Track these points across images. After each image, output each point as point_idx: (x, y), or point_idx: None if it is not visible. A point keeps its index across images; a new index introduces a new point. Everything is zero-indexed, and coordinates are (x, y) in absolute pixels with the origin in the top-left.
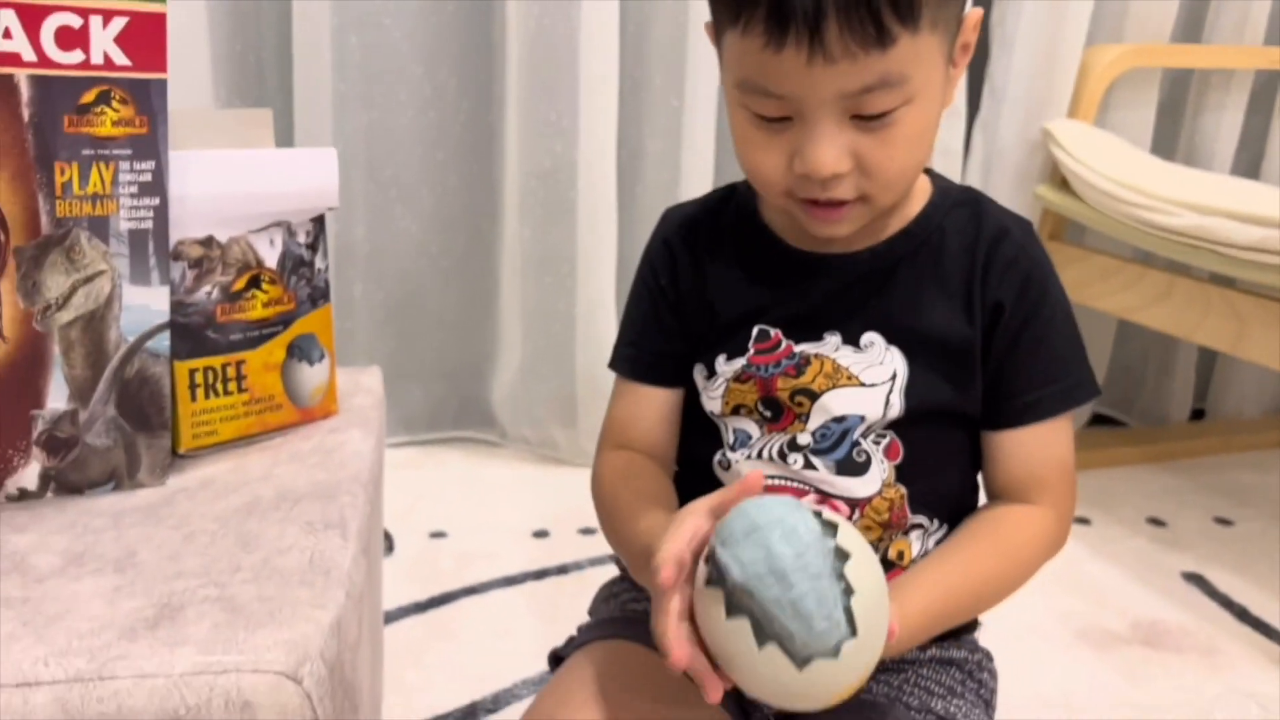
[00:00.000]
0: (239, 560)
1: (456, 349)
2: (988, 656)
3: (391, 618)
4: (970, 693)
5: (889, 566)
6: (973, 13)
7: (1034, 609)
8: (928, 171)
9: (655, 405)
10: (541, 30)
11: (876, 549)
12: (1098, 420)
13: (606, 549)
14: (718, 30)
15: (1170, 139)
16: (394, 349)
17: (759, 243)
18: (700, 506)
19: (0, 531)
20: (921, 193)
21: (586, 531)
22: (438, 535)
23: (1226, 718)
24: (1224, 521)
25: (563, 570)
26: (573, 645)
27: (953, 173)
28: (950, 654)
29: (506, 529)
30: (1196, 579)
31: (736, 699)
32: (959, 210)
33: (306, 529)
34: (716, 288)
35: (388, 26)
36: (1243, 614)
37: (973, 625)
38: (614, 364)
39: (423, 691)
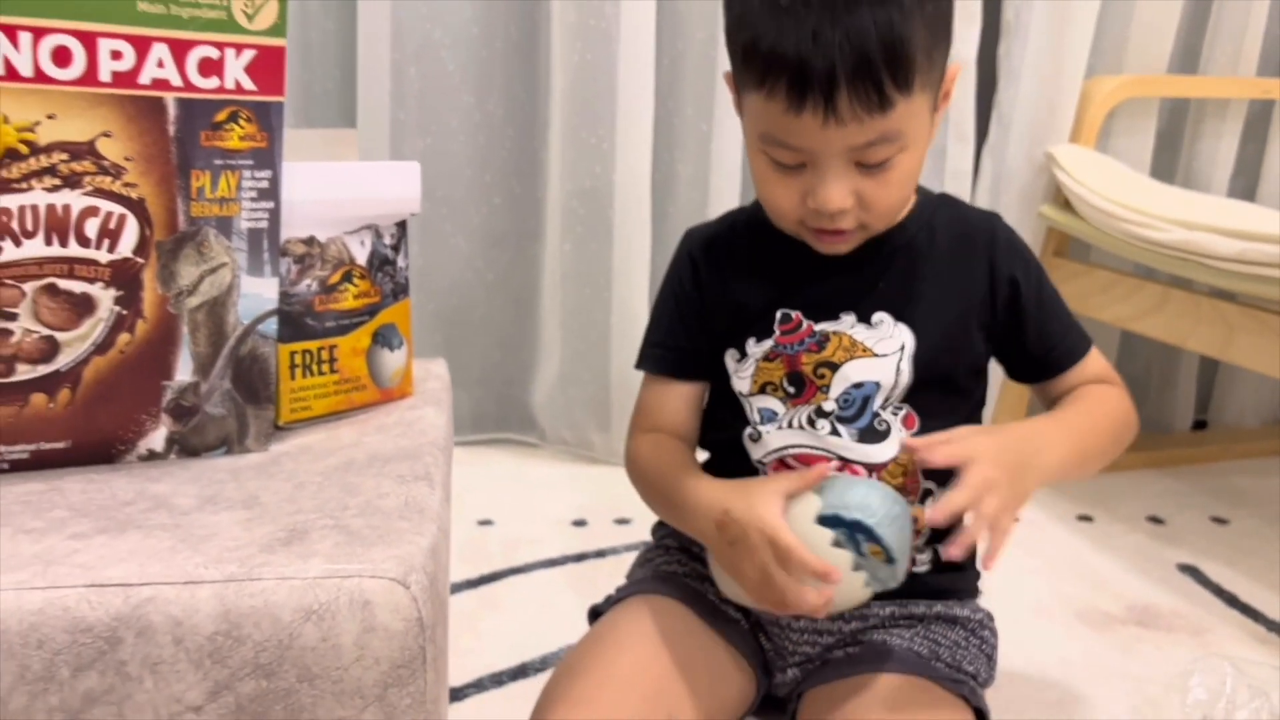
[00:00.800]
0: (346, 502)
1: (500, 357)
2: (989, 617)
3: None
4: (974, 647)
5: None
6: (953, 66)
7: (1038, 593)
8: None
9: (679, 396)
10: (584, 63)
11: None
12: None
13: (640, 536)
14: (739, 87)
15: (1170, 164)
16: (443, 356)
17: (774, 245)
18: (778, 488)
19: (139, 481)
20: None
21: (621, 521)
22: (485, 523)
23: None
24: (1220, 521)
25: (600, 554)
26: (610, 601)
27: (963, 193)
28: (955, 613)
29: (548, 519)
30: (1191, 570)
31: (759, 651)
32: (941, 209)
33: (399, 480)
34: (740, 286)
35: (443, 59)
36: (1233, 600)
37: (974, 591)
38: (641, 363)
39: (478, 654)
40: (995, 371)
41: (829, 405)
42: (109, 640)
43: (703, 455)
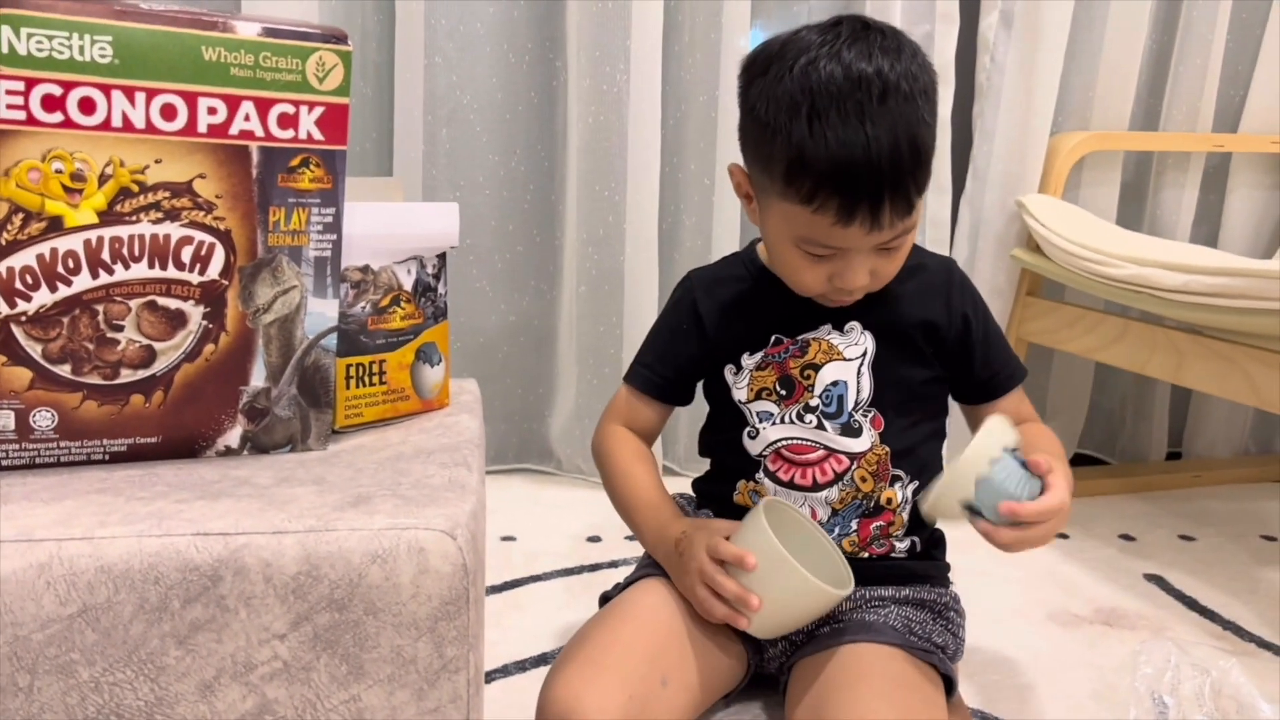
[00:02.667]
0: (400, 480)
1: (521, 392)
2: (955, 599)
3: None
4: (941, 625)
5: (880, 510)
6: None
7: (1014, 597)
8: None
9: (651, 411)
10: (597, 124)
11: (871, 497)
12: (1081, 460)
13: None
14: (769, 192)
15: (1136, 214)
16: None
17: (770, 283)
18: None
19: (221, 469)
20: None
21: (632, 537)
22: (508, 539)
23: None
24: (1188, 538)
25: (613, 565)
26: (619, 588)
27: (942, 239)
28: (924, 596)
29: (565, 535)
30: (1157, 579)
31: (755, 642)
32: (912, 255)
33: (442, 466)
34: (740, 317)
35: (471, 122)
36: (1193, 604)
37: (944, 579)
38: (629, 377)
39: (504, 645)
40: None
41: (814, 401)
42: (212, 578)
43: (704, 464)
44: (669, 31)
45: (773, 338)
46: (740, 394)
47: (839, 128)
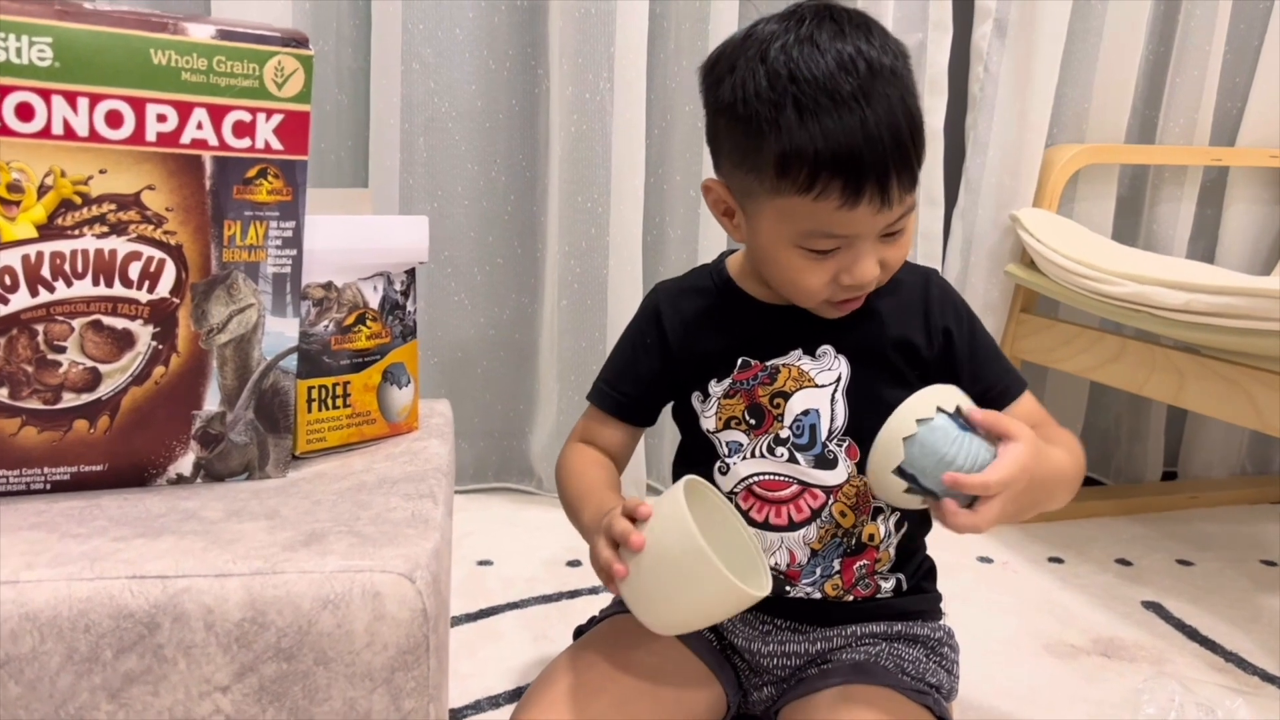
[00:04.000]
0: (359, 514)
1: (501, 408)
2: (949, 634)
3: (450, 624)
4: (934, 663)
5: (863, 548)
6: None
7: (1008, 628)
8: None
9: (614, 431)
10: (579, 134)
11: (852, 533)
12: None
13: None
14: (758, 193)
15: (1132, 228)
16: None
17: (736, 302)
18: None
19: (170, 499)
20: None
21: None
22: (484, 563)
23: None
24: (1185, 563)
25: (593, 591)
26: (593, 622)
27: (934, 253)
28: (916, 632)
29: (544, 559)
30: (1155, 606)
31: (730, 669)
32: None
33: (406, 497)
34: (704, 337)
35: (450, 130)
36: (1193, 634)
37: (936, 612)
38: (591, 395)
39: (475, 678)
40: None
41: (784, 433)
42: (148, 626)
43: None
44: (654, 38)
45: (740, 361)
46: (708, 423)
47: (832, 112)
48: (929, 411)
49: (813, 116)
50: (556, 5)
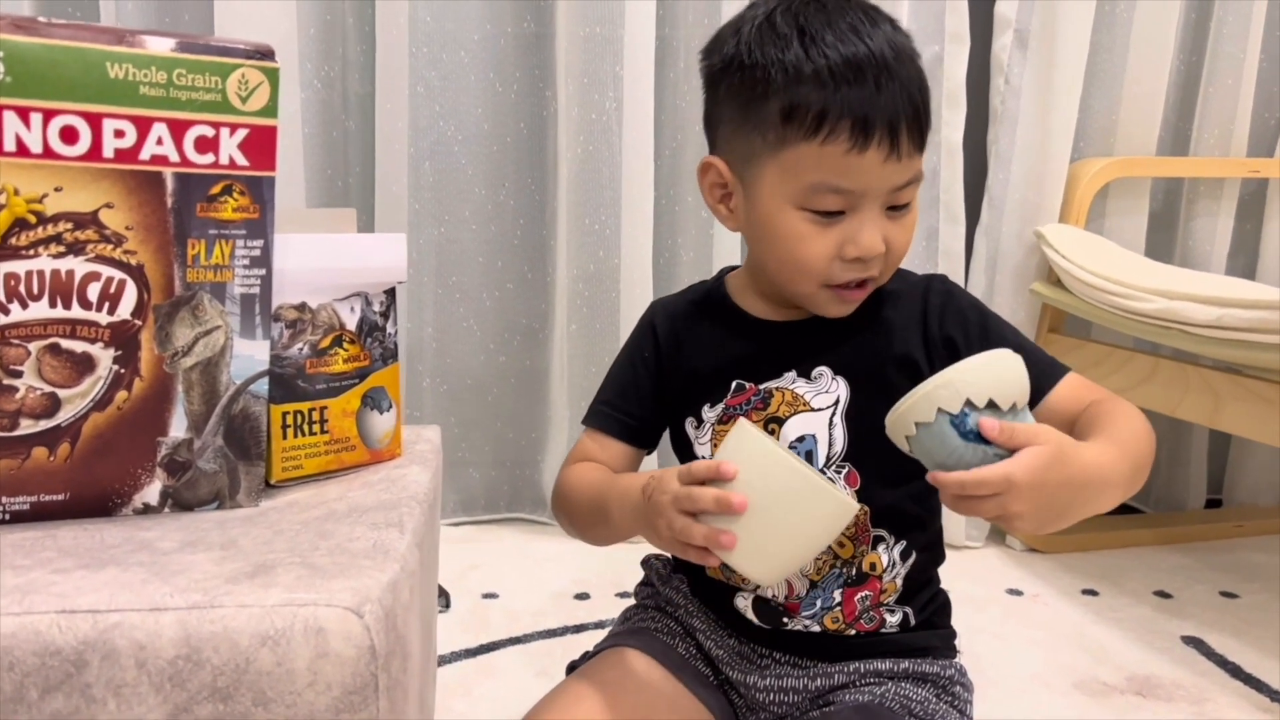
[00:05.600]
0: (318, 544)
1: (513, 436)
2: (961, 672)
3: (444, 660)
4: (945, 704)
5: (864, 578)
6: None
7: (1037, 663)
8: None
9: (616, 458)
10: (586, 155)
11: (851, 563)
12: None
13: None
14: (762, 154)
15: (1167, 244)
16: (456, 437)
17: (731, 318)
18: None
19: (130, 530)
20: None
21: (624, 595)
22: (490, 596)
23: None
24: (1230, 595)
25: (600, 625)
26: (586, 657)
27: (956, 271)
28: (924, 669)
29: (551, 592)
30: (1195, 642)
31: (726, 705)
32: (890, 279)
33: (371, 527)
34: (697, 354)
35: (456, 154)
36: (1236, 671)
37: (948, 649)
38: (588, 418)
39: (470, 717)
40: None
41: None
42: (76, 664)
43: None
44: (663, 58)
45: (734, 384)
46: (703, 449)
47: (838, 45)
48: (928, 415)
49: (821, 56)
50: (563, 27)
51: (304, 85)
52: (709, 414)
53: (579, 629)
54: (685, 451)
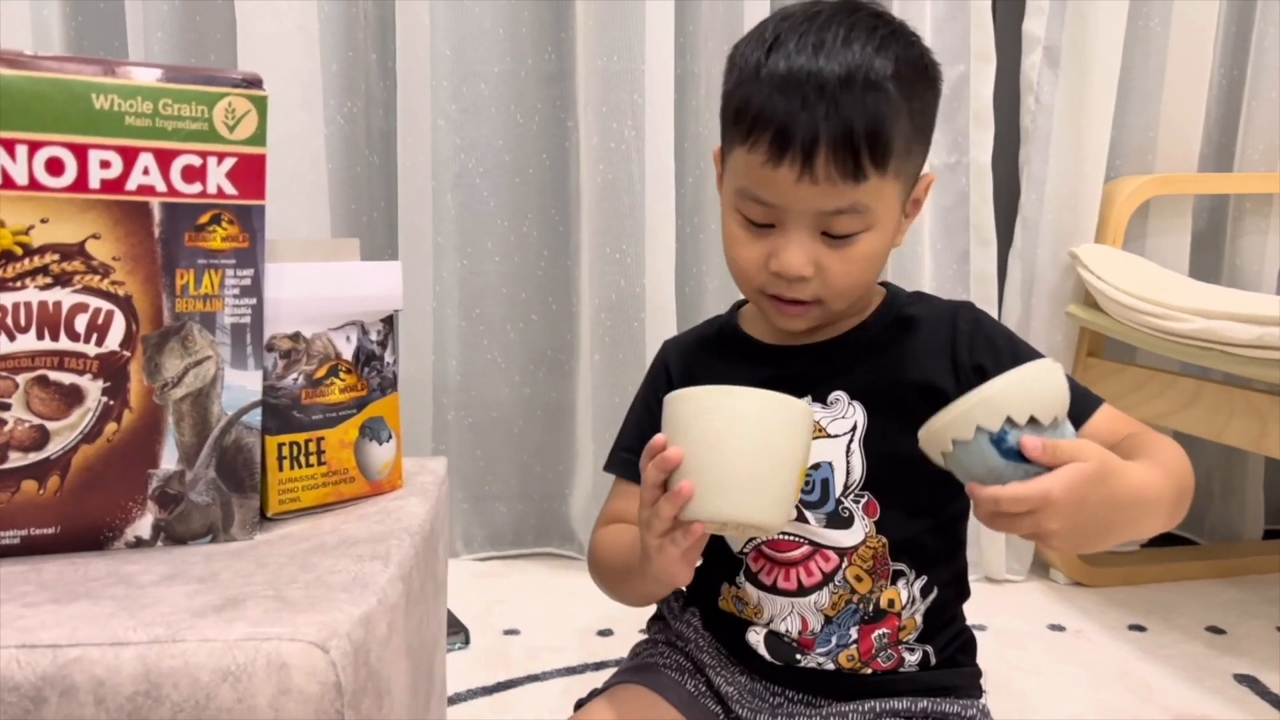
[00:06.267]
0: (297, 577)
1: (538, 469)
2: (984, 713)
3: (460, 698)
4: None
5: (882, 614)
6: (926, 175)
7: (1079, 703)
8: (884, 284)
9: None
10: (607, 183)
11: (868, 599)
12: (1164, 539)
13: None
14: (726, 150)
15: (1213, 264)
16: (482, 470)
17: (744, 347)
18: None
19: (117, 563)
20: (876, 296)
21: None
22: (511, 632)
23: None
24: None
25: (620, 663)
26: (595, 694)
27: (989, 295)
28: (944, 710)
29: (574, 628)
30: (1249, 680)
31: None
32: (911, 306)
33: (356, 559)
34: (707, 383)
35: (478, 186)
36: None
37: (973, 689)
38: (610, 466)
39: None
40: None
41: None
42: (34, 699)
43: None
44: (684, 86)
45: None
46: None
47: (792, 56)
48: (967, 432)
49: (774, 63)
50: (583, 59)
51: (327, 121)
52: None
53: (599, 666)
54: None
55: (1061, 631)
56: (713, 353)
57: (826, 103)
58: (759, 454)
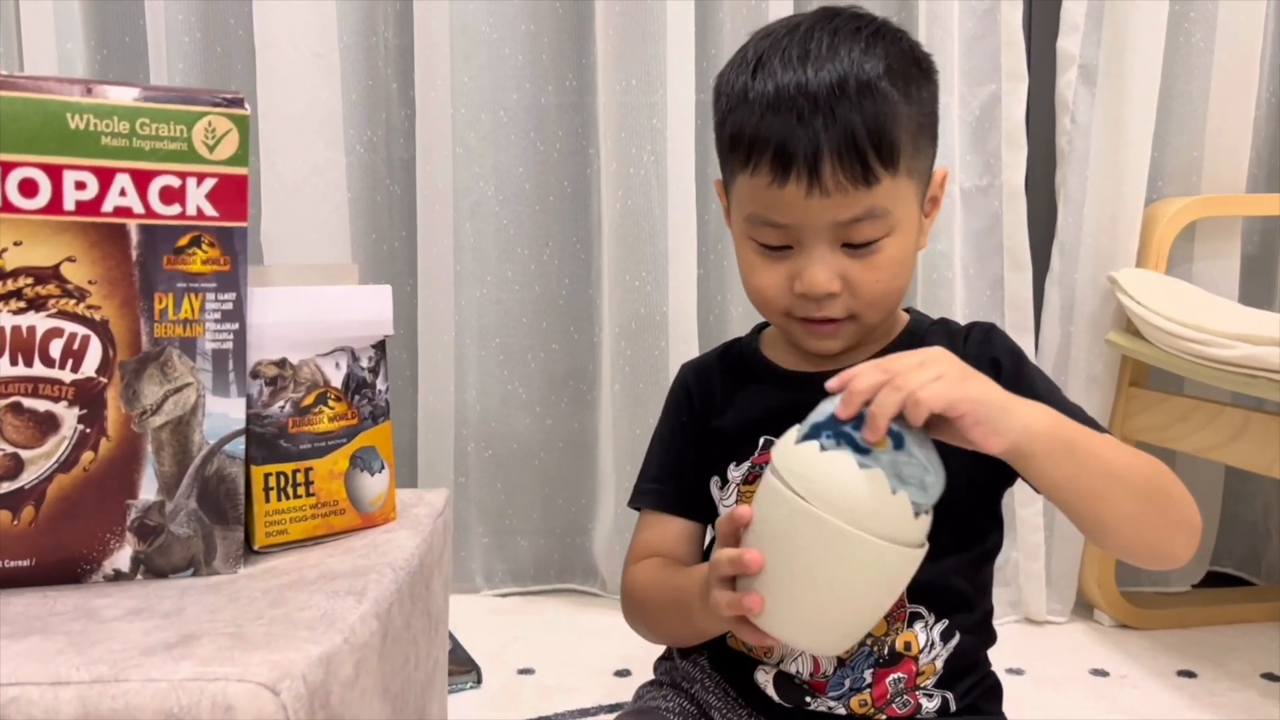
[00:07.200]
0: (264, 613)
1: (560, 503)
2: None
3: None
4: None
5: (898, 658)
6: (939, 170)
7: None
8: (908, 310)
9: (677, 532)
10: (626, 210)
11: (883, 641)
12: (1218, 579)
13: None
14: (727, 181)
15: (1266, 289)
16: (503, 504)
17: (760, 372)
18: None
19: (88, 597)
20: (900, 322)
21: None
22: (525, 672)
23: None
24: None
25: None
26: None
27: (1025, 324)
28: None
29: (590, 668)
30: None
31: None
32: (933, 331)
33: (329, 595)
34: (725, 410)
35: (498, 214)
36: None
37: None
38: (635, 499)
39: None
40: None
41: None
42: None
43: None
44: (705, 112)
45: (762, 440)
46: (727, 512)
47: (778, 73)
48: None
49: (761, 84)
50: (603, 86)
51: (348, 150)
52: (734, 473)
53: (613, 708)
54: (710, 516)
55: (1105, 677)
56: (732, 376)
57: (823, 113)
58: (854, 605)
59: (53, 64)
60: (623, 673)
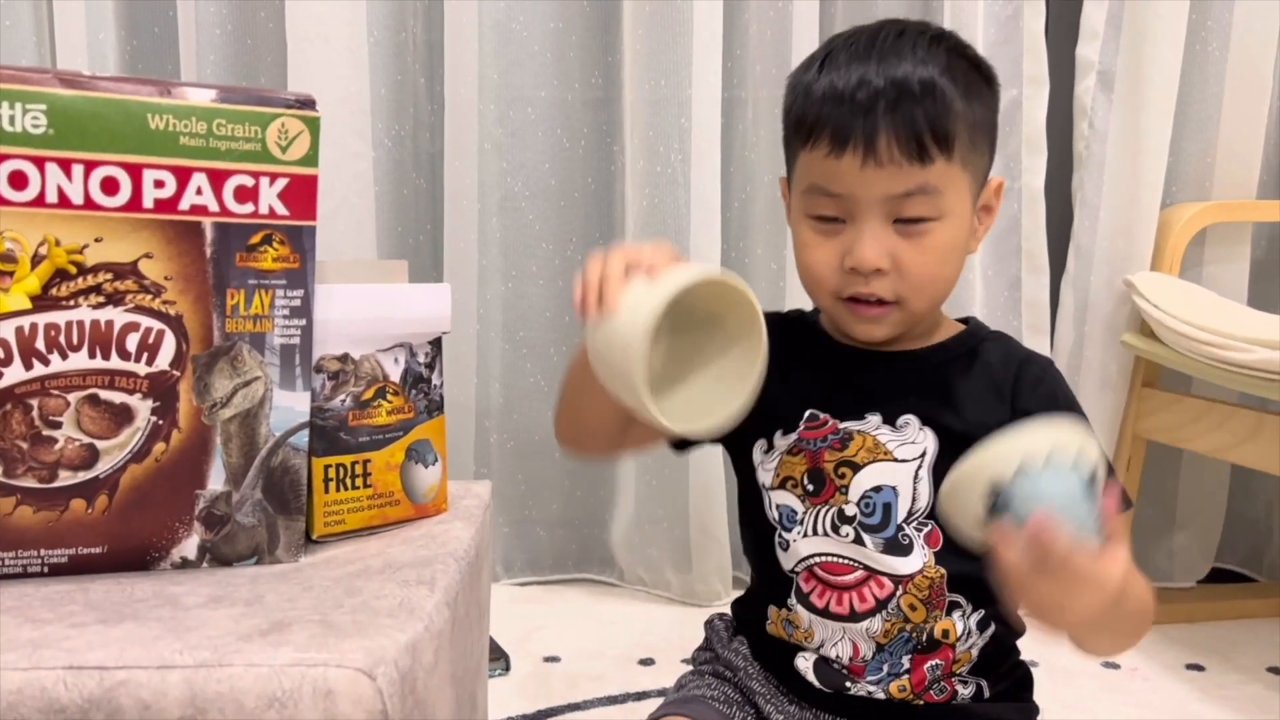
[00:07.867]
0: (343, 602)
1: (581, 495)
2: None
3: None
4: None
5: (936, 645)
6: (995, 179)
7: None
8: (967, 319)
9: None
10: (652, 207)
11: (922, 629)
12: (1221, 576)
13: None
14: (790, 166)
15: (1274, 294)
16: (524, 494)
17: (816, 343)
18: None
19: (163, 584)
20: (955, 326)
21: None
22: (551, 660)
23: None
24: None
25: (662, 693)
26: None
27: (1042, 325)
28: None
29: (615, 657)
30: None
31: None
32: (993, 341)
33: (402, 584)
34: (779, 378)
35: (524, 210)
36: None
37: None
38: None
39: None
40: None
41: (850, 509)
42: None
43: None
44: (731, 110)
45: (808, 413)
46: (765, 477)
47: (844, 67)
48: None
49: (826, 77)
50: (630, 84)
51: (375, 144)
52: (780, 441)
53: (641, 696)
54: (748, 476)
55: (1117, 670)
56: (789, 340)
57: (884, 99)
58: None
59: (84, 54)
60: (647, 661)
